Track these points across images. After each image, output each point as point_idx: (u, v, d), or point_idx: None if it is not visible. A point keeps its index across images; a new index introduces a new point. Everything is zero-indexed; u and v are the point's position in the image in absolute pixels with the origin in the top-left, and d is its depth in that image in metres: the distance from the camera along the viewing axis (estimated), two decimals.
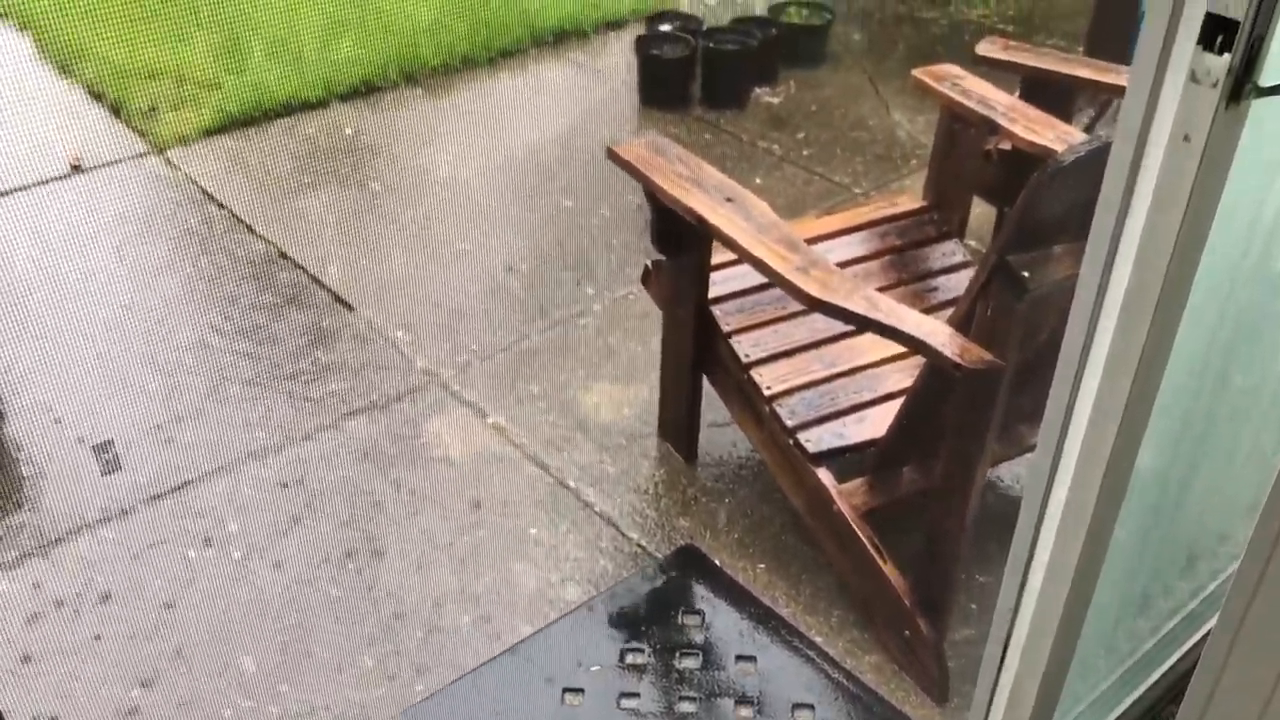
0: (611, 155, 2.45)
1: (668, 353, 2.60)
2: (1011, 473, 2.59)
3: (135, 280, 3.27)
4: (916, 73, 2.74)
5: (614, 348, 3.05)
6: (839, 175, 3.87)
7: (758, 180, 3.84)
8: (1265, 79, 1.08)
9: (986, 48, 2.81)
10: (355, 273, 3.34)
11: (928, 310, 2.42)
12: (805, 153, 4.00)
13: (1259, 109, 1.12)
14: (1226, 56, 1.04)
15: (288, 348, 3.02)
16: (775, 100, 4.32)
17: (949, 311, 2.47)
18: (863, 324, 1.97)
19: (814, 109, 4.26)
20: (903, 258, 2.66)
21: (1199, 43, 1.05)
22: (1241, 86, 1.06)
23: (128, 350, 2.99)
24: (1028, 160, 2.45)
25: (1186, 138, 1.09)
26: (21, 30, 4.52)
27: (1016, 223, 1.74)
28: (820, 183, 3.84)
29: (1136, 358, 1.25)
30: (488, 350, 3.04)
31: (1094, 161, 1.63)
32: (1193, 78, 1.07)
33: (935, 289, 2.58)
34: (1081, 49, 4.17)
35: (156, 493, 2.56)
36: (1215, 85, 1.06)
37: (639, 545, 2.46)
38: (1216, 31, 1.04)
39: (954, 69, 2.74)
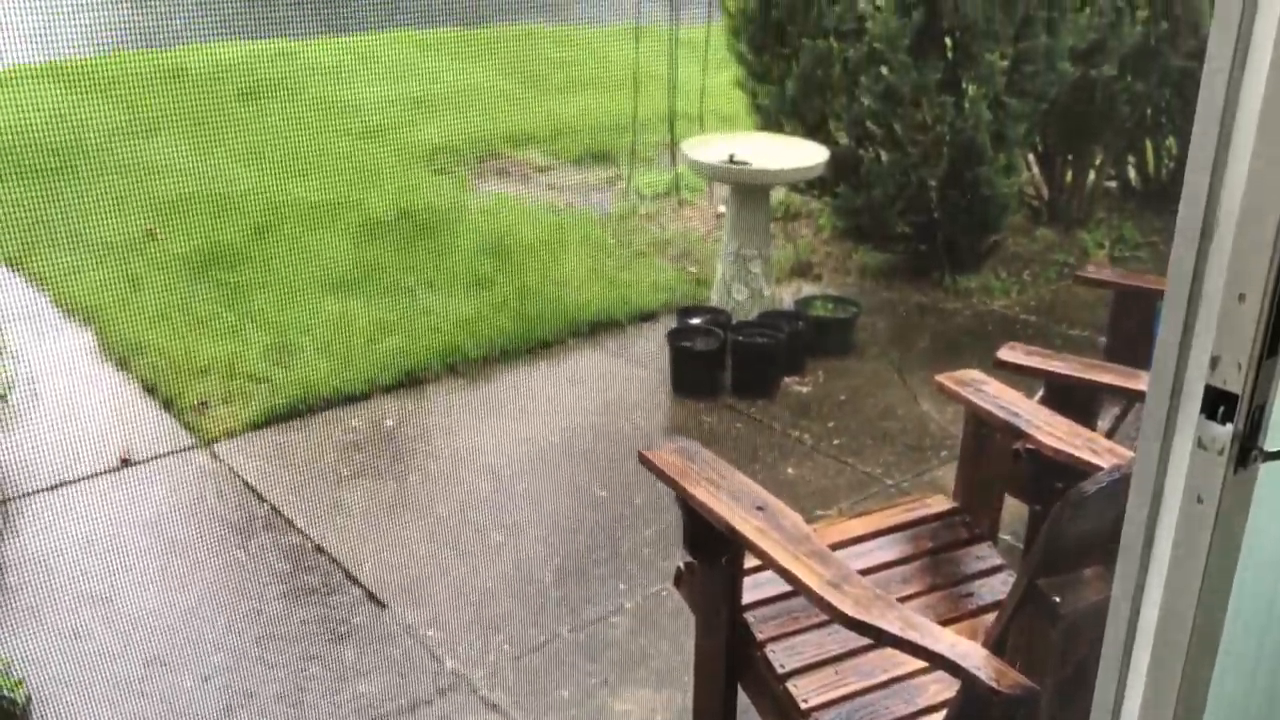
0: (643, 460, 2.50)
1: (701, 660, 2.57)
2: None
3: (171, 577, 3.30)
4: (940, 378, 2.82)
5: (646, 650, 3.01)
6: (870, 466, 3.91)
7: (789, 470, 3.89)
8: (1271, 443, 1.12)
9: (1007, 354, 2.90)
10: (389, 568, 3.36)
11: (962, 618, 2.40)
12: (835, 442, 4.06)
13: (1272, 468, 1.15)
14: (1230, 425, 1.08)
15: (317, 646, 3.01)
16: (805, 390, 4.42)
17: (984, 618, 2.45)
18: (897, 644, 1.95)
19: (843, 398, 4.36)
20: (935, 561, 2.66)
21: (1202, 412, 1.10)
22: (1248, 453, 1.10)
23: (159, 648, 2.98)
24: (1056, 461, 2.49)
25: (1199, 499, 1.12)
26: (85, 325, 4.77)
27: (1044, 548, 1.75)
28: (851, 473, 3.88)
29: (1171, 708, 1.23)
30: (518, 649, 3.01)
31: (1116, 489, 1.66)
32: (1199, 444, 1.11)
33: (970, 595, 2.56)
34: (1103, 339, 4.28)
35: None
36: (1222, 452, 1.09)
37: None
38: (1218, 403, 1.09)
39: (976, 374, 2.82)
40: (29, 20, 8.01)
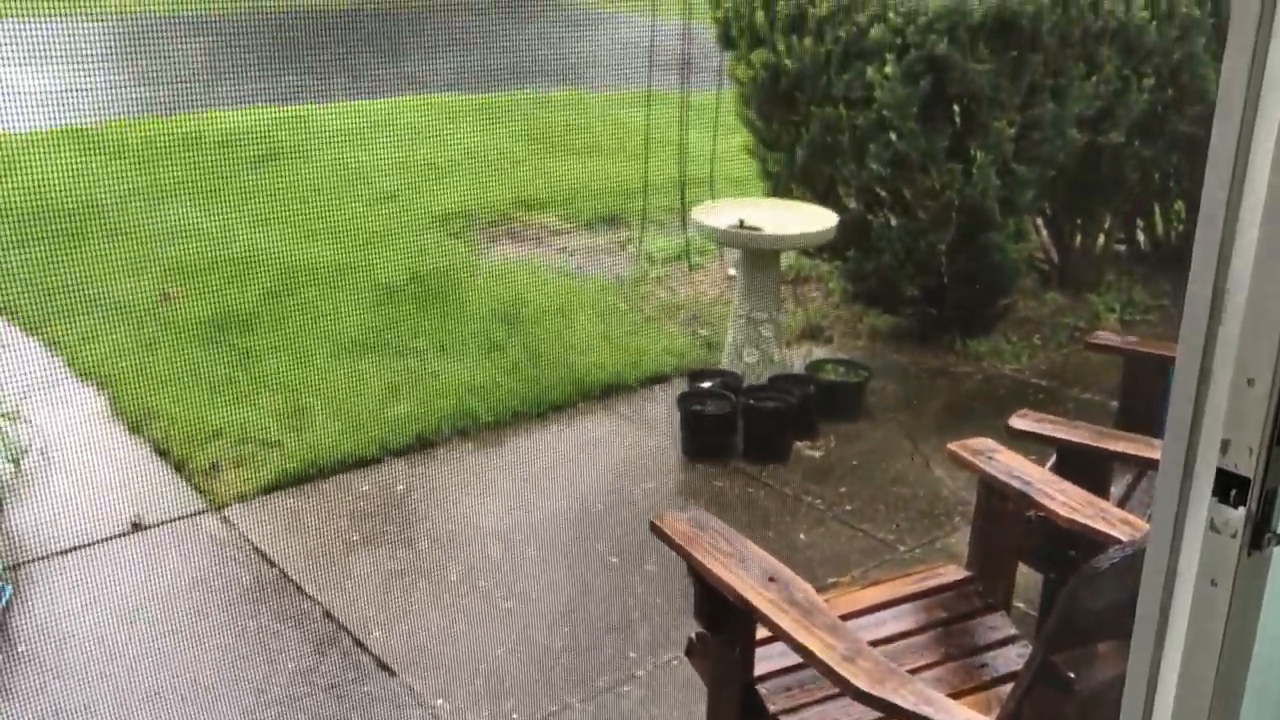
0: (655, 529, 2.50)
1: None
2: None
3: (181, 643, 3.29)
4: (952, 446, 2.81)
5: None
6: (883, 532, 3.89)
7: (801, 535, 3.88)
8: None
9: (1020, 422, 2.90)
10: (399, 634, 3.34)
11: (976, 691, 2.37)
12: (848, 507, 4.05)
13: None
14: (1243, 509, 1.08)
15: (326, 713, 2.99)
16: (816, 454, 4.42)
17: (998, 690, 2.42)
18: None
19: (855, 463, 4.35)
20: (949, 632, 2.64)
21: (1214, 495, 1.10)
22: (1261, 536, 1.10)
23: (169, 717, 2.97)
24: (1069, 529, 2.48)
25: (1213, 582, 1.12)
26: (100, 389, 4.80)
27: (1058, 623, 1.74)
28: (864, 539, 3.86)
29: None
30: (528, 719, 2.98)
31: (1130, 564, 1.65)
32: (1212, 526, 1.11)
33: (983, 666, 2.54)
34: (1115, 404, 4.27)
35: None
36: (1235, 536, 1.09)
37: None
38: (1230, 486, 1.09)
39: (988, 442, 2.82)
40: (46, 85, 8.17)
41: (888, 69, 4.61)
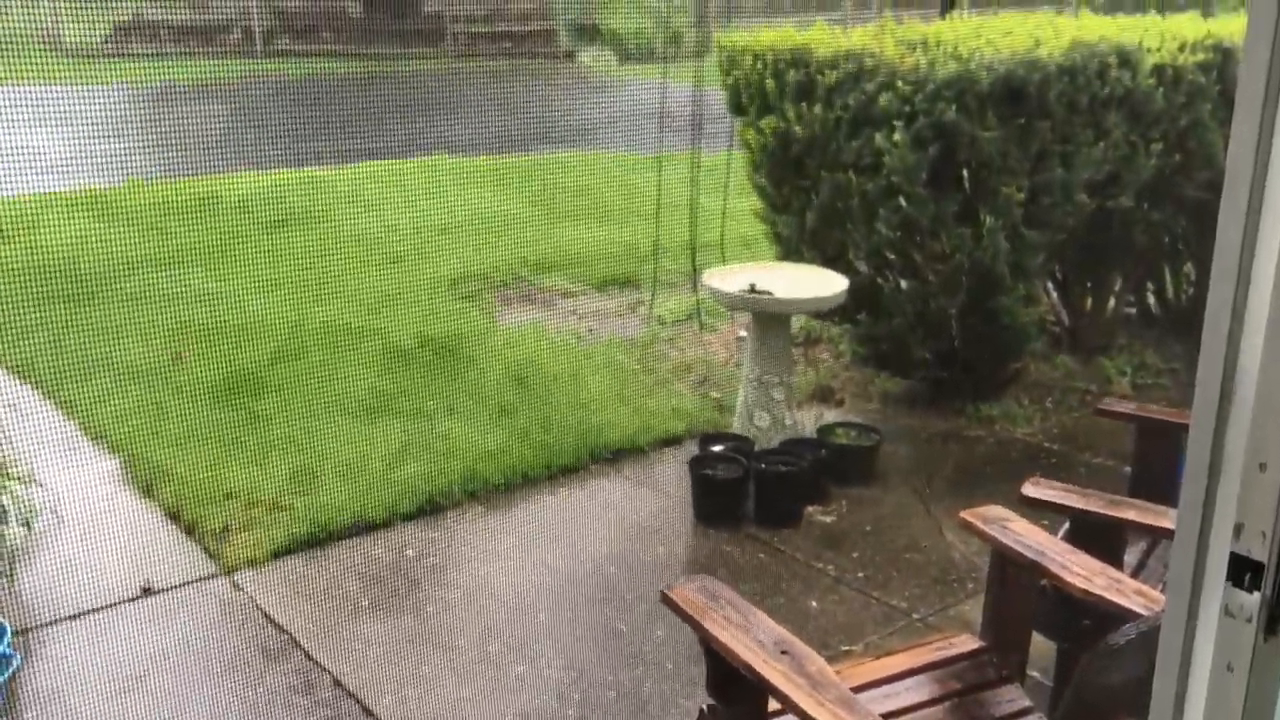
0: (665, 600, 2.48)
1: None
2: None
3: (188, 709, 3.26)
4: (965, 515, 2.80)
5: None
6: (896, 599, 3.86)
7: (813, 603, 3.85)
8: None
9: (1032, 489, 2.89)
10: (408, 701, 3.32)
11: None
12: (861, 574, 4.02)
13: None
14: (1258, 594, 1.08)
15: None
16: (828, 519, 4.40)
17: None
18: None
19: (867, 528, 4.33)
20: (963, 703, 2.61)
21: (1228, 579, 1.09)
22: (1277, 620, 1.09)
23: None
24: (1082, 600, 2.46)
25: (1229, 667, 1.11)
26: (112, 451, 4.82)
27: (1072, 701, 1.73)
28: (877, 606, 3.83)
29: None
30: None
31: (1144, 641, 1.64)
32: (1227, 611, 1.10)
33: None
34: (1128, 468, 4.25)
35: None
36: (1250, 620, 1.09)
37: None
38: (1244, 570, 1.08)
39: (1001, 511, 2.81)
40: (66, 148, 8.29)
41: (896, 136, 4.65)
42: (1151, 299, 6.28)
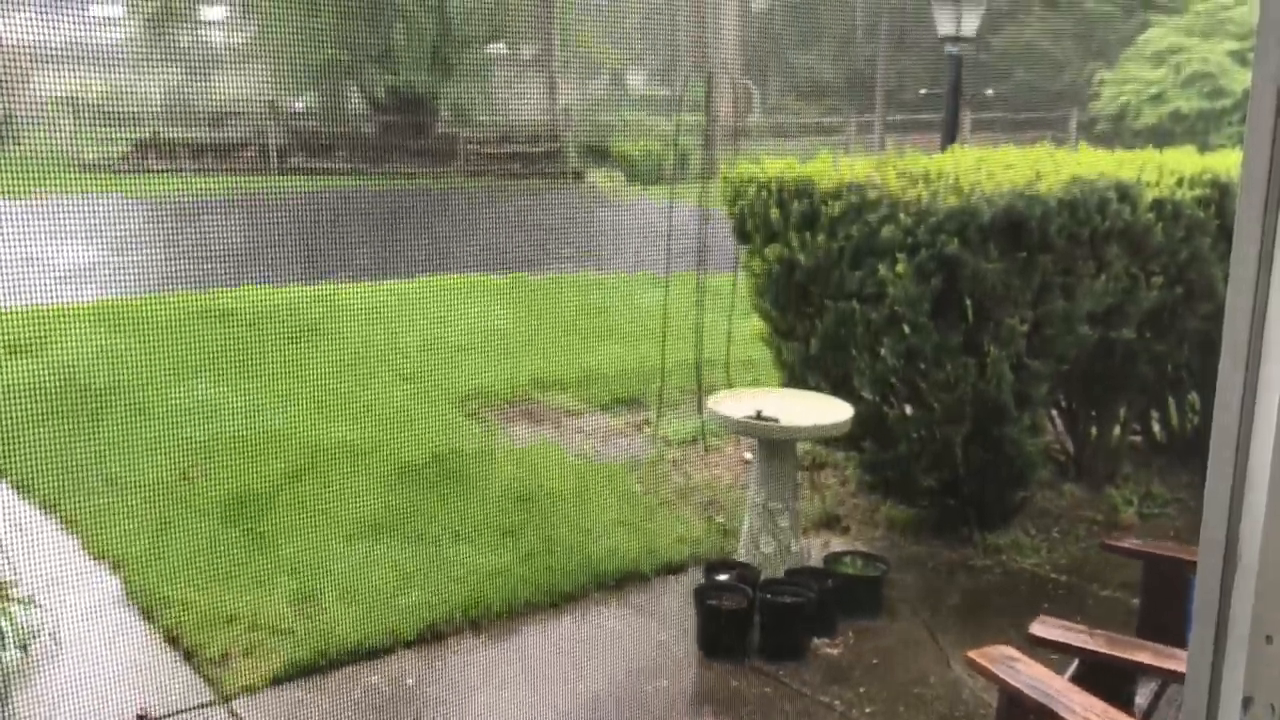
0: None
1: None
2: None
3: None
4: (971, 655, 2.78)
5: None
6: None
7: None
8: None
9: (1041, 629, 2.87)
10: None
11: None
12: (868, 710, 3.95)
13: None
14: None
15: None
16: (834, 651, 4.34)
17: None
18: None
19: (874, 661, 4.27)
20: None
21: None
22: None
23: None
24: None
25: None
26: (114, 571, 4.78)
27: None
28: None
29: None
30: None
31: None
32: None
33: None
34: (1136, 600, 4.21)
35: None
36: None
37: None
38: None
39: (1008, 650, 2.78)
40: (86, 260, 8.42)
41: (899, 267, 4.72)
42: (1157, 428, 6.28)
